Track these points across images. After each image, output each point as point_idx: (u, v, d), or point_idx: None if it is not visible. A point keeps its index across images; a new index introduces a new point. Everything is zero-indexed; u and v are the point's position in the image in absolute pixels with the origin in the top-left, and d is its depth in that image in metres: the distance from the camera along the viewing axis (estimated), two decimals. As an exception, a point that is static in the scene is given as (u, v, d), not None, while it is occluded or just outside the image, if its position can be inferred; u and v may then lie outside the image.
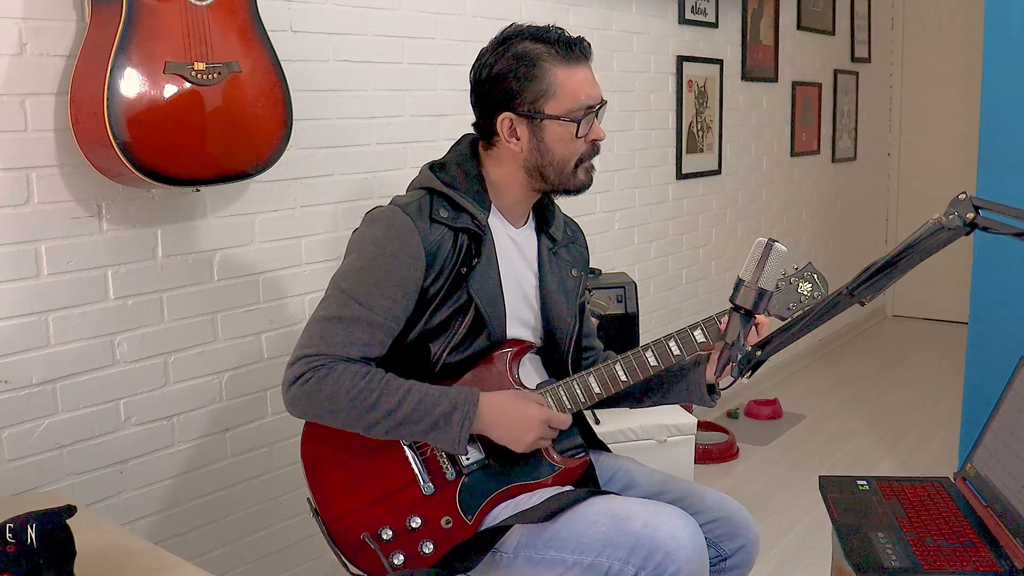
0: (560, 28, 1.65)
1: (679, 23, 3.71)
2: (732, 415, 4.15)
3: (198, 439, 2.20)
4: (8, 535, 1.25)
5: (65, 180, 1.90)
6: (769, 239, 1.49)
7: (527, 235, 1.76)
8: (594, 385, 1.68)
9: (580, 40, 1.65)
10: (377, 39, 2.50)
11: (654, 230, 3.72)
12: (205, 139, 1.89)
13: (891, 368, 4.99)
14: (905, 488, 1.85)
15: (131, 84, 1.76)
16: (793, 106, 4.69)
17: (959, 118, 5.57)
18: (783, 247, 1.50)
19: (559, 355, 1.77)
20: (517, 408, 1.60)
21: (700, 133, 3.91)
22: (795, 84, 4.68)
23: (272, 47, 2.00)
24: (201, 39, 1.85)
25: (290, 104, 2.04)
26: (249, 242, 2.26)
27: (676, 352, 1.68)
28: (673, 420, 2.62)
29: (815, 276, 1.72)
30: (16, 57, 1.81)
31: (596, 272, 2.98)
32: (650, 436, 2.59)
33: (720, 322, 1.67)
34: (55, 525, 1.30)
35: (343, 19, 2.41)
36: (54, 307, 1.91)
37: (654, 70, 3.60)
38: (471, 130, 1.74)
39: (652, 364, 1.68)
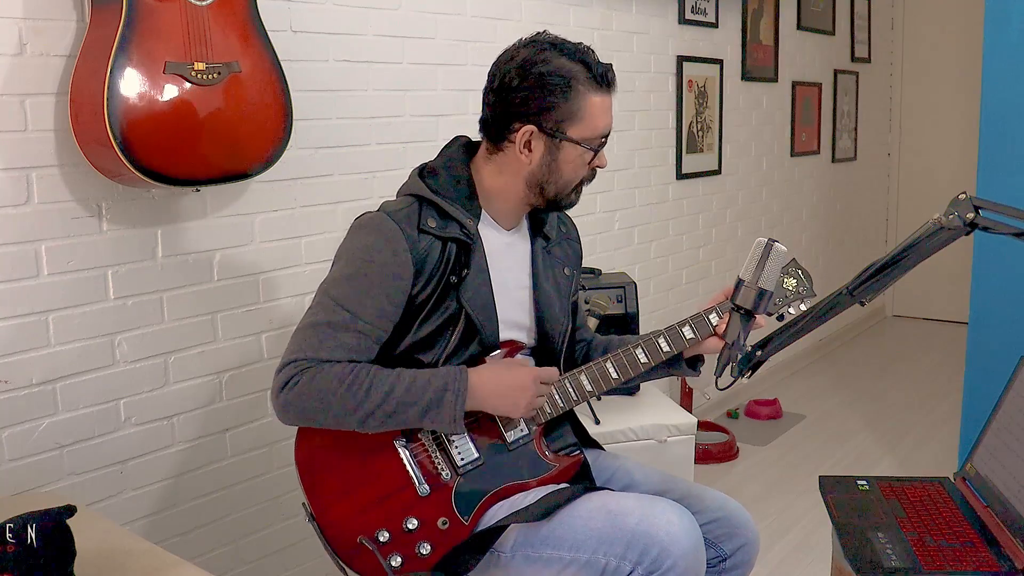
0: (591, 49, 1.63)
1: (679, 23, 3.71)
2: (732, 415, 4.16)
3: (198, 439, 2.20)
4: (8, 535, 1.25)
5: (65, 180, 1.90)
6: (769, 239, 1.49)
7: (520, 237, 1.76)
8: (586, 384, 1.70)
9: (610, 67, 1.64)
10: (377, 39, 2.50)
11: (654, 230, 3.72)
12: (205, 139, 1.89)
13: (891, 368, 4.99)
14: (905, 488, 1.85)
15: (131, 84, 1.76)
16: (793, 106, 4.69)
17: (959, 118, 5.57)
18: (783, 247, 1.50)
19: (552, 354, 1.77)
20: (505, 374, 1.61)
21: (700, 133, 3.91)
22: (795, 84, 4.68)
23: (272, 47, 2.00)
24: (201, 39, 1.85)
25: (290, 104, 2.04)
26: (249, 242, 2.26)
27: (666, 349, 1.70)
28: (673, 420, 2.61)
29: (799, 272, 1.76)
30: (16, 57, 1.81)
31: (596, 272, 2.97)
32: (650, 436, 2.58)
33: (709, 319, 1.68)
34: (55, 525, 1.30)
35: (343, 19, 2.41)
36: (54, 307, 1.91)
37: (654, 70, 3.60)
38: (472, 130, 1.73)
39: (643, 361, 1.70)
